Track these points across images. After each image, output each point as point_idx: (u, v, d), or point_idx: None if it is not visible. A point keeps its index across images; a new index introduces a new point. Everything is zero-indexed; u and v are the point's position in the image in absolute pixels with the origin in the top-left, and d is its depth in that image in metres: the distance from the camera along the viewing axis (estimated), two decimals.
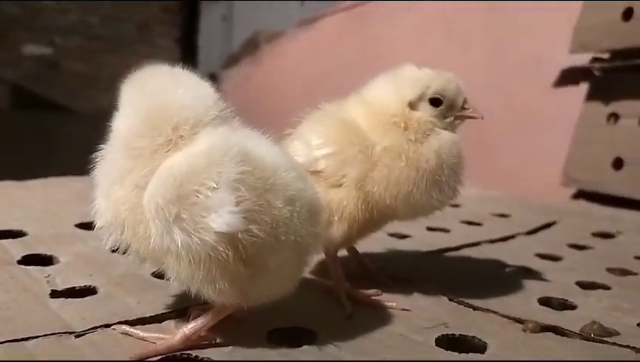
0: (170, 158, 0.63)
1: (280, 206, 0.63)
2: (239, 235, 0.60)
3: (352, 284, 0.91)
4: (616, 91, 1.87)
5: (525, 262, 1.14)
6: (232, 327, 0.73)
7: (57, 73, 6.02)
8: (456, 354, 0.71)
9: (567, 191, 1.98)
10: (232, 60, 6.03)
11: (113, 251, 0.70)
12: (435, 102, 0.86)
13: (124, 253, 0.68)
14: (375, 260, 1.08)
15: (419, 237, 1.28)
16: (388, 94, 0.87)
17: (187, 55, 7.05)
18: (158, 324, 0.76)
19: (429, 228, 1.36)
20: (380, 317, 0.83)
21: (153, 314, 0.78)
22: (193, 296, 0.67)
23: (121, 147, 0.66)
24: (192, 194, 0.60)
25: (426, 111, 0.86)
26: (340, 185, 0.84)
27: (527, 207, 1.67)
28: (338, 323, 0.80)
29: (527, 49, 2.23)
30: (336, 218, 0.83)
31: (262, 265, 0.64)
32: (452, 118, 0.88)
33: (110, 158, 0.67)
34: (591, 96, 1.95)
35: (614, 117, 1.88)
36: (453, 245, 1.23)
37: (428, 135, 0.85)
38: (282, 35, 4.65)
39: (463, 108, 0.88)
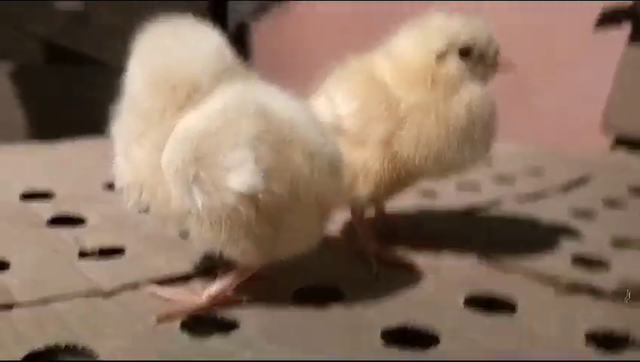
0: (186, 119, 0.62)
1: (300, 162, 0.62)
2: (260, 194, 0.59)
3: (381, 245, 0.89)
4: None
5: (558, 220, 1.10)
6: (259, 287, 0.73)
7: (88, 27, 6.02)
8: (484, 314, 0.70)
9: (607, 140, 1.89)
10: (263, 9, 5.90)
11: (140, 212, 0.70)
12: (464, 52, 0.81)
13: (144, 213, 0.67)
14: (403, 219, 1.07)
15: (448, 195, 1.25)
16: (413, 46, 0.83)
17: (216, 4, 6.94)
18: (185, 284, 0.77)
19: (459, 187, 1.33)
20: (407, 277, 0.82)
21: (180, 274, 0.78)
22: (218, 255, 0.67)
23: (132, 108, 0.65)
24: (209, 154, 0.59)
25: (454, 64, 0.81)
26: (365, 145, 0.81)
27: (562, 161, 1.62)
28: (365, 283, 0.79)
29: None
30: (361, 178, 0.81)
31: (283, 222, 0.63)
32: (483, 71, 0.83)
33: (124, 118, 0.66)
34: (634, 38, 1.84)
35: None
36: (483, 204, 1.20)
37: (458, 90, 0.80)
38: None
39: (495, 59, 0.83)
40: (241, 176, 0.59)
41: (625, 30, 1.87)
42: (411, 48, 0.83)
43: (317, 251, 0.70)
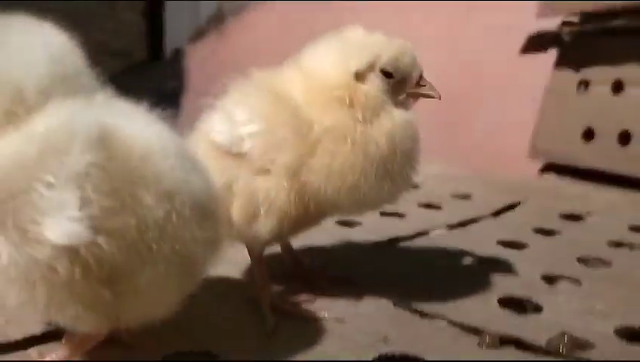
0: None
1: (151, 203, 0.48)
2: (83, 250, 0.45)
3: (285, 287, 0.77)
4: (586, 57, 1.73)
5: (486, 251, 1.00)
6: (115, 355, 0.58)
7: None
8: None
9: (535, 164, 1.85)
10: (199, 34, 5.78)
11: None
12: (386, 73, 0.70)
13: None
14: (315, 255, 0.93)
15: (369, 223, 1.13)
16: (330, 62, 0.71)
17: (153, 29, 6.70)
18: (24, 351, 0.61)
19: (383, 213, 1.21)
20: (309, 331, 0.68)
21: (20, 339, 0.62)
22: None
23: None
24: (19, 192, 0.44)
25: (375, 85, 0.70)
26: (269, 172, 0.68)
27: (490, 186, 1.54)
28: (256, 343, 0.65)
29: (495, 15, 2.09)
30: (262, 211, 0.68)
31: (129, 283, 0.48)
32: (405, 95, 0.72)
33: None
34: (560, 63, 1.81)
35: (585, 84, 1.75)
36: (407, 233, 1.09)
37: (378, 114, 0.69)
38: (247, 8, 4.42)
39: (418, 83, 0.73)
40: (59, 223, 0.44)
41: (551, 55, 1.85)
42: (328, 64, 0.71)
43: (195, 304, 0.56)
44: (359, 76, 0.70)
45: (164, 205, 0.48)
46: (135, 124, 0.51)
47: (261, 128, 0.68)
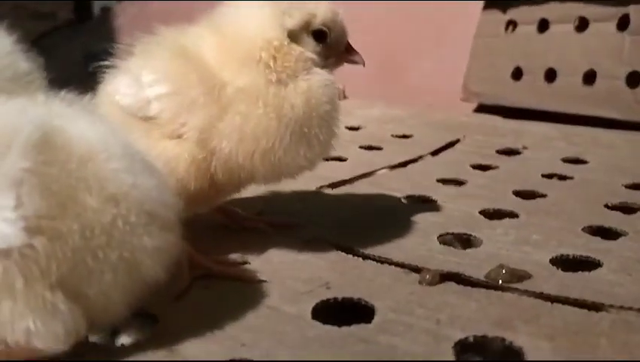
0: None
1: (95, 207, 0.45)
2: (16, 254, 0.42)
3: (223, 238, 0.74)
4: None
5: (427, 190, 1.00)
6: None
7: None
8: (335, 328, 0.56)
9: (470, 106, 1.87)
10: None
11: None
12: (319, 35, 0.67)
13: None
14: (253, 203, 0.90)
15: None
16: (259, 20, 0.66)
17: None
18: None
19: (324, 158, 1.18)
20: (244, 286, 0.65)
21: None
22: None
23: None
24: None
25: (307, 46, 0.67)
26: (180, 137, 0.64)
27: (430, 125, 1.54)
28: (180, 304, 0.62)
29: None
30: (170, 178, 0.61)
31: (78, 295, 0.45)
32: (333, 59, 0.70)
33: None
34: (488, 6, 1.81)
35: (512, 24, 1.76)
36: (348, 176, 1.07)
37: (297, 75, 0.65)
38: None
39: (347, 49, 0.71)
40: None
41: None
42: (254, 22, 0.66)
43: None
44: (292, 35, 0.66)
45: (109, 210, 0.45)
46: (77, 125, 0.48)
47: (169, 90, 0.64)
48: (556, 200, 0.95)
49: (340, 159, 1.20)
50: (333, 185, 1.03)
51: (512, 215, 0.88)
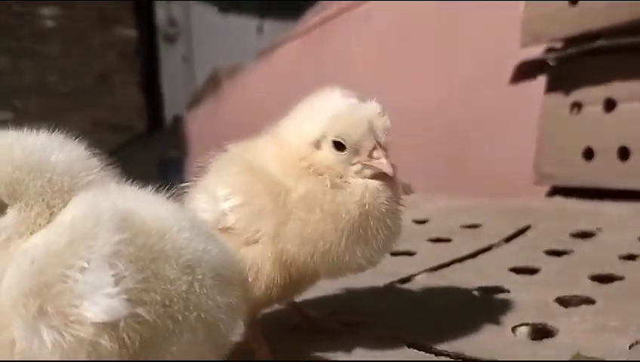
0: (32, 238, 0.52)
1: (173, 277, 0.51)
2: (122, 323, 0.48)
3: (298, 340, 0.77)
4: (575, 79, 1.76)
5: (499, 281, 1.00)
6: None
7: None
8: None
9: (542, 189, 1.85)
10: (196, 100, 5.94)
11: None
12: (337, 145, 0.70)
13: None
14: (324, 304, 0.94)
15: (379, 266, 1.13)
16: (295, 131, 0.74)
17: (151, 101, 6.92)
18: None
19: (393, 253, 1.21)
20: None
21: None
22: None
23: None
24: (56, 280, 0.47)
25: (330, 155, 0.71)
26: (255, 242, 0.70)
27: (499, 213, 1.54)
28: None
29: (483, 48, 2.14)
30: (251, 278, 0.69)
31: (159, 355, 0.50)
32: (360, 166, 0.71)
33: None
34: (550, 88, 1.85)
35: (577, 106, 1.77)
36: (417, 270, 1.09)
37: (347, 181, 0.70)
38: (241, 69, 4.57)
39: (371, 155, 0.70)
40: (97, 302, 0.47)
41: (540, 81, 1.88)
42: (294, 133, 0.73)
43: None
44: (317, 144, 0.71)
45: (185, 277, 0.51)
46: (148, 205, 0.55)
47: (241, 201, 0.71)
48: (635, 283, 0.92)
49: (409, 253, 1.22)
50: (403, 281, 1.05)
51: (589, 301, 0.86)
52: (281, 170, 0.72)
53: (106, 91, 6.54)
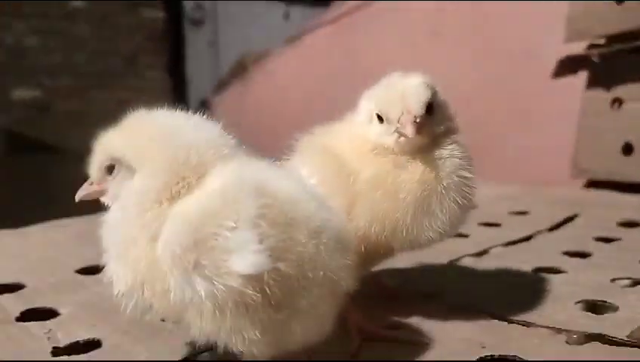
0: (183, 203, 0.59)
1: (304, 240, 0.58)
2: (266, 276, 0.55)
3: (377, 306, 0.83)
4: (616, 76, 1.81)
5: (554, 262, 1.07)
6: None
7: (48, 114, 5.96)
8: None
9: (578, 183, 1.91)
10: (222, 85, 6.00)
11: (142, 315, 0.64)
12: (379, 118, 0.77)
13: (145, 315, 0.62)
14: (394, 276, 1.02)
15: (437, 245, 1.21)
16: (359, 112, 0.81)
17: (177, 84, 7.00)
18: None
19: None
20: (405, 347, 0.75)
21: None
22: (221, 349, 0.60)
23: (132, 204, 0.61)
24: (210, 237, 0.55)
25: (376, 127, 0.77)
26: None
27: (544, 202, 1.61)
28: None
29: (517, 42, 2.18)
30: None
31: (293, 307, 0.58)
32: (396, 135, 0.75)
33: (120, 219, 0.62)
34: (592, 84, 1.90)
35: (618, 102, 1.82)
36: (474, 251, 1.17)
37: (411, 159, 0.75)
38: (269, 55, 4.61)
39: (400, 121, 0.74)
40: (245, 257, 0.54)
41: (581, 77, 1.93)
42: (360, 117, 0.80)
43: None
44: (369, 121, 0.78)
45: (314, 241, 0.58)
46: (278, 178, 0.62)
47: (317, 180, 0.77)
48: None
49: (463, 235, 1.29)
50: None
51: None
52: (351, 153, 0.78)
53: (133, 72, 6.65)
